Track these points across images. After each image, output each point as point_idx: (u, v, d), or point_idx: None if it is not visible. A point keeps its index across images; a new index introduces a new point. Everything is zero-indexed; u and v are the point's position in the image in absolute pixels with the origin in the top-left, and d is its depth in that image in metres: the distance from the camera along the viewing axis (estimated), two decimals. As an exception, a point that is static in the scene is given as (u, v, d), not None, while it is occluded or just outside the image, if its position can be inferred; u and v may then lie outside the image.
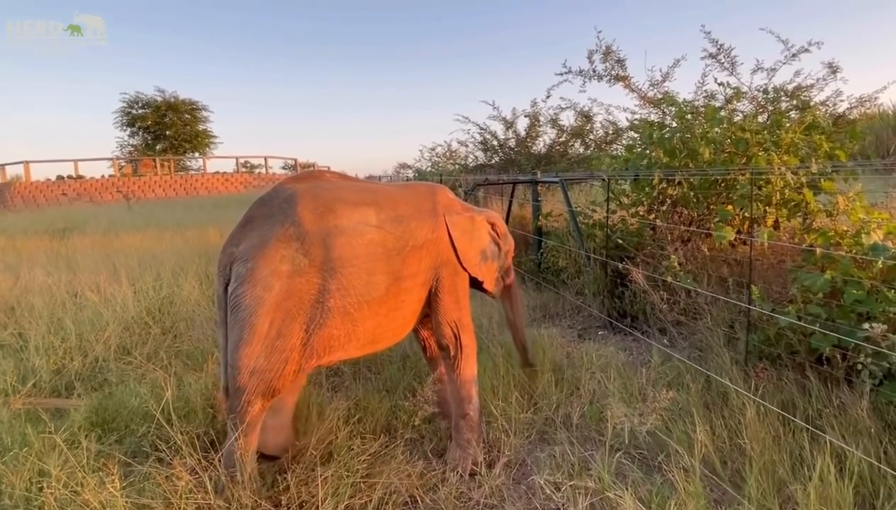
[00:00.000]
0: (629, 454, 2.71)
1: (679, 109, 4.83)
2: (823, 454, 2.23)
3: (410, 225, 2.58)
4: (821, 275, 3.13)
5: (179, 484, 2.11)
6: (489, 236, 3.04)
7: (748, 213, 3.80)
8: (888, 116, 19.45)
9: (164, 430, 2.60)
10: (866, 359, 2.77)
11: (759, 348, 3.40)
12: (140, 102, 32.13)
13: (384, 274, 2.45)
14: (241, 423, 2.25)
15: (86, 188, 24.93)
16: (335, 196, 2.44)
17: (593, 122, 11.50)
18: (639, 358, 4.08)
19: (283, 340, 2.24)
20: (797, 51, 6.90)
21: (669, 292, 4.37)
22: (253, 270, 2.21)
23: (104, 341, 4.17)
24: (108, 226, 11.41)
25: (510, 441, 2.85)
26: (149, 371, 3.59)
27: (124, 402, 3.13)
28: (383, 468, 2.46)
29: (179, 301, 5.15)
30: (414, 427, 2.88)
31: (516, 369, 3.51)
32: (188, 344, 4.16)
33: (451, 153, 15.18)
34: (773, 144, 4.03)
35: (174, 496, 2.13)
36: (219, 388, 2.56)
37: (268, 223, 2.32)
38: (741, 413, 2.70)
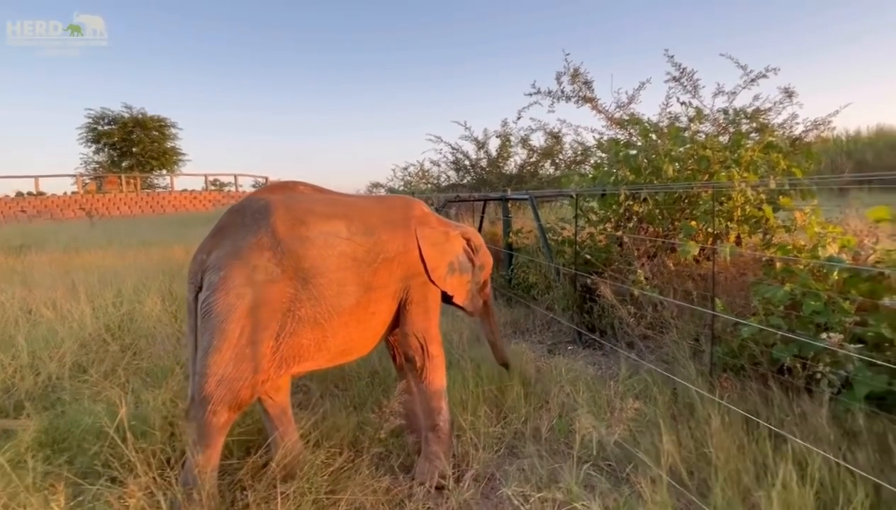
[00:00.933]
0: (597, 466, 2.70)
1: (643, 128, 4.96)
2: (786, 461, 2.26)
3: (382, 237, 2.59)
4: (780, 287, 3.21)
5: (130, 502, 2.00)
6: (463, 251, 3.03)
7: (711, 228, 3.89)
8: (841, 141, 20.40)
9: (119, 449, 2.50)
10: (825, 368, 2.84)
11: (724, 360, 3.45)
12: (106, 118, 31.48)
13: (354, 285, 2.45)
14: (203, 435, 2.19)
15: (47, 205, 24.19)
16: (307, 208, 2.45)
17: (562, 143, 11.73)
18: (608, 371, 4.11)
19: (252, 348, 2.21)
20: (755, 76, 7.21)
21: (636, 306, 4.43)
22: (225, 279, 2.20)
23: (58, 359, 3.99)
24: (68, 243, 11.06)
25: (479, 455, 2.81)
26: (105, 389, 3.44)
27: (77, 421, 2.99)
28: (348, 484, 2.39)
29: (141, 317, 4.99)
30: (380, 441, 2.81)
31: (486, 383, 3.49)
32: (148, 361, 4.01)
33: (423, 173, 15.26)
34: (734, 162, 4.16)
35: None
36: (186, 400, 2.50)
37: (240, 232, 2.32)
38: (707, 423, 2.72)
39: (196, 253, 2.36)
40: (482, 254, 3.21)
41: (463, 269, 3.01)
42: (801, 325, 3.10)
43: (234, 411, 2.26)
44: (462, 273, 3.01)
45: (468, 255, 3.08)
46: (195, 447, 2.21)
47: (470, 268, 3.09)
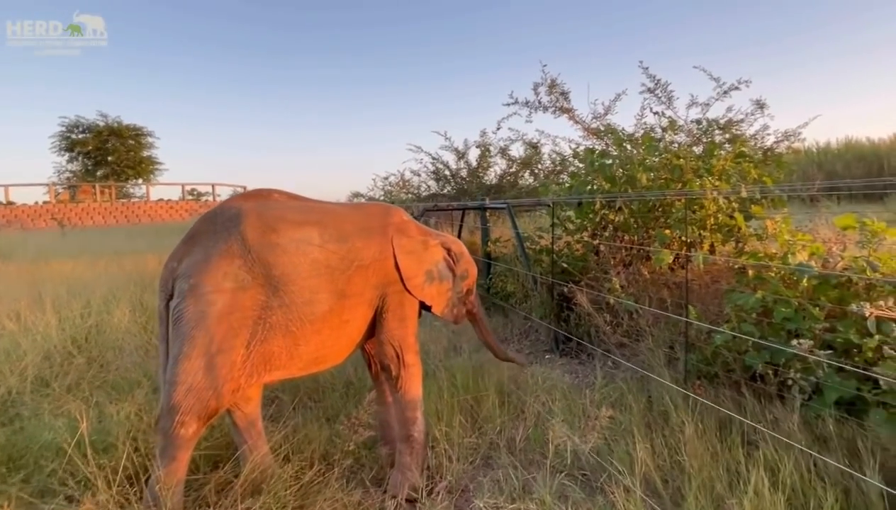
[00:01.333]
0: (572, 475, 2.67)
1: (616, 138, 5.01)
2: (758, 468, 2.27)
3: (356, 244, 2.56)
4: (752, 294, 3.24)
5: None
6: (442, 260, 2.99)
7: (685, 235, 3.92)
8: (812, 153, 20.91)
9: (78, 466, 2.41)
10: (795, 375, 2.86)
11: (698, 367, 3.47)
12: (80, 127, 30.96)
13: (327, 292, 2.42)
14: (169, 447, 2.13)
15: (17, 215, 23.58)
16: (279, 215, 2.42)
17: (541, 153, 11.80)
18: (584, 380, 4.10)
19: (222, 357, 2.17)
20: (728, 88, 7.36)
21: (612, 315, 4.44)
22: (196, 286, 2.18)
23: (20, 372, 3.84)
24: (37, 253, 10.75)
25: (453, 466, 2.77)
26: (67, 403, 3.32)
27: (35, 437, 2.87)
28: (316, 498, 2.33)
29: (109, 329, 4.84)
30: (352, 453, 2.76)
31: (461, 393, 3.45)
32: (115, 374, 3.89)
33: (404, 182, 15.21)
34: (706, 171, 4.21)
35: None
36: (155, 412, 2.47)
37: (212, 240, 2.30)
38: (681, 431, 2.72)
39: (167, 260, 2.34)
40: (464, 263, 3.17)
41: (442, 279, 2.97)
42: (773, 332, 3.13)
43: (203, 422, 2.21)
44: (441, 282, 2.96)
45: (448, 265, 3.04)
46: (161, 460, 2.15)
47: (450, 278, 3.04)
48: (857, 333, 2.80)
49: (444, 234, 3.18)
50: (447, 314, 3.06)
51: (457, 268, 3.11)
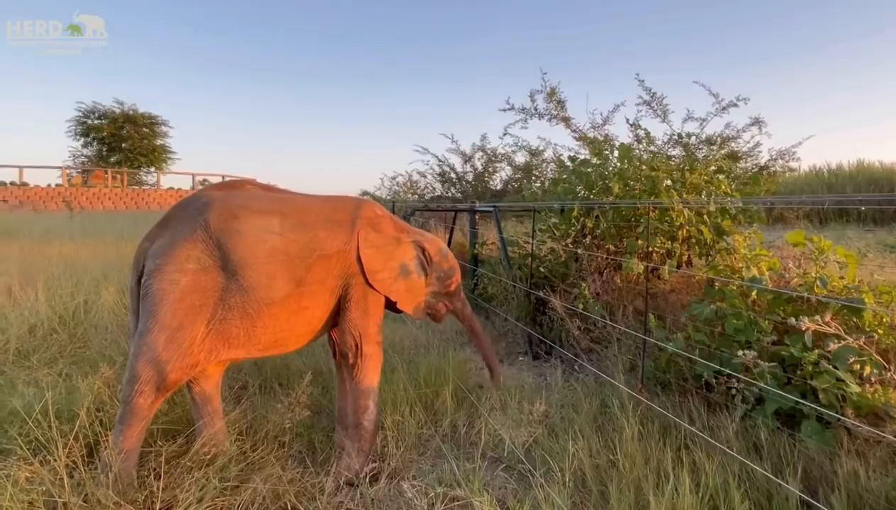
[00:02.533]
0: (511, 468, 2.76)
1: (594, 147, 5.10)
2: (683, 470, 2.35)
3: (319, 234, 2.66)
4: (707, 305, 3.32)
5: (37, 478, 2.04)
6: (414, 258, 3.04)
7: (652, 246, 4.00)
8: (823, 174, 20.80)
9: (43, 431, 2.55)
10: (739, 385, 2.94)
11: (655, 374, 3.55)
12: (97, 113, 31.48)
13: (284, 279, 2.53)
14: (126, 414, 2.30)
15: (29, 196, 24.02)
16: (242, 204, 2.56)
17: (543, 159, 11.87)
18: (546, 382, 4.17)
19: (183, 332, 2.34)
20: (727, 104, 7.42)
21: (583, 321, 4.53)
22: (161, 266, 2.37)
23: (2, 345, 4.00)
24: (42, 233, 11.01)
25: (399, 453, 2.86)
26: (43, 375, 3.46)
27: (4, 404, 3.01)
28: (258, 474, 2.43)
29: (96, 308, 5.00)
30: (303, 435, 2.86)
31: (422, 388, 3.55)
32: (92, 350, 4.03)
33: (411, 183, 15.34)
34: (680, 184, 4.29)
35: (29, 494, 2.07)
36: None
37: (180, 225, 2.49)
38: (620, 433, 2.80)
39: (142, 241, 2.54)
40: (442, 263, 3.21)
41: (409, 276, 3.00)
42: (725, 343, 3.20)
43: (162, 393, 2.37)
44: (407, 279, 2.99)
45: (420, 263, 3.08)
46: (117, 426, 2.32)
47: (421, 277, 3.08)
48: (801, 348, 2.87)
49: (423, 233, 3.22)
50: (414, 312, 3.10)
51: (431, 267, 3.15)
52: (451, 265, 3.29)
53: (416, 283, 3.06)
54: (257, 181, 2.96)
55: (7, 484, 2.07)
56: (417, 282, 3.06)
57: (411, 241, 3.07)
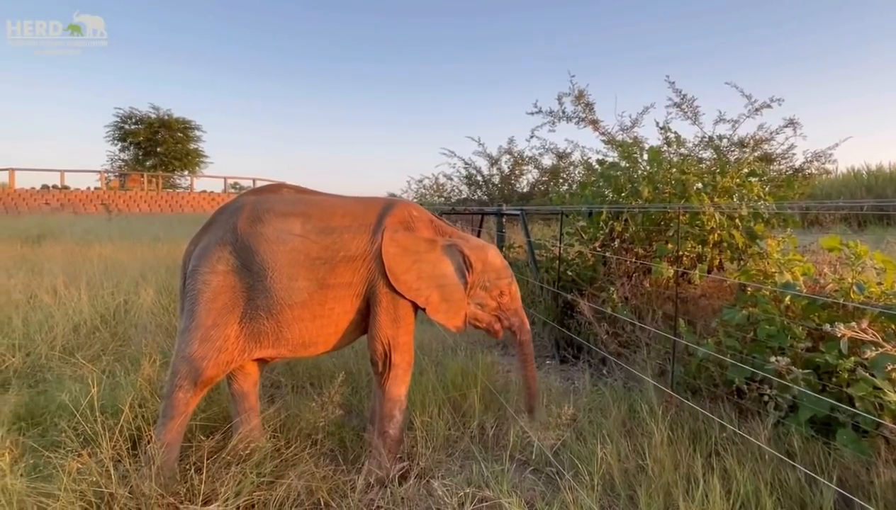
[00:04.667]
0: (539, 470, 2.78)
1: (623, 149, 5.07)
2: (714, 477, 2.34)
3: (343, 236, 2.64)
4: (739, 310, 3.28)
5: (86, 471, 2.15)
6: (448, 264, 2.82)
7: (682, 250, 3.97)
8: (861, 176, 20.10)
9: (89, 425, 2.68)
10: (771, 392, 2.90)
11: (685, 379, 3.52)
12: (133, 118, 32.44)
13: (306, 280, 2.56)
14: (168, 408, 2.46)
15: (70, 199, 24.88)
16: (268, 207, 2.65)
17: (570, 162, 11.82)
18: (574, 386, 4.17)
19: (217, 330, 2.47)
20: (760, 106, 7.29)
21: (612, 325, 4.51)
22: (196, 267, 2.53)
23: (50, 342, 4.19)
24: (83, 235, 11.43)
25: (428, 453, 2.90)
26: (87, 371, 3.61)
27: (54, 398, 3.16)
28: (292, 471, 2.51)
29: (135, 308, 5.19)
30: (334, 434, 2.93)
31: (450, 390, 3.59)
32: (133, 348, 4.19)
33: (438, 186, 15.40)
34: (711, 187, 4.24)
35: (80, 485, 2.18)
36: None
37: (217, 228, 2.63)
38: (650, 438, 2.79)
39: (188, 244, 2.71)
40: (488, 272, 2.93)
41: (443, 283, 2.80)
42: (757, 349, 3.16)
43: (199, 388, 2.50)
44: (441, 287, 2.79)
45: (459, 270, 2.84)
46: (160, 420, 2.48)
47: (459, 284, 2.84)
48: (836, 355, 2.82)
49: (468, 237, 3.01)
50: (450, 324, 2.85)
51: (472, 275, 2.87)
52: (501, 276, 2.98)
53: (453, 292, 2.82)
54: (292, 184, 3.02)
55: (61, 474, 2.18)
56: (454, 291, 2.82)
57: (448, 244, 2.85)
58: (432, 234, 2.89)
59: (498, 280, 2.96)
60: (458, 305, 2.85)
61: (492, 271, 2.94)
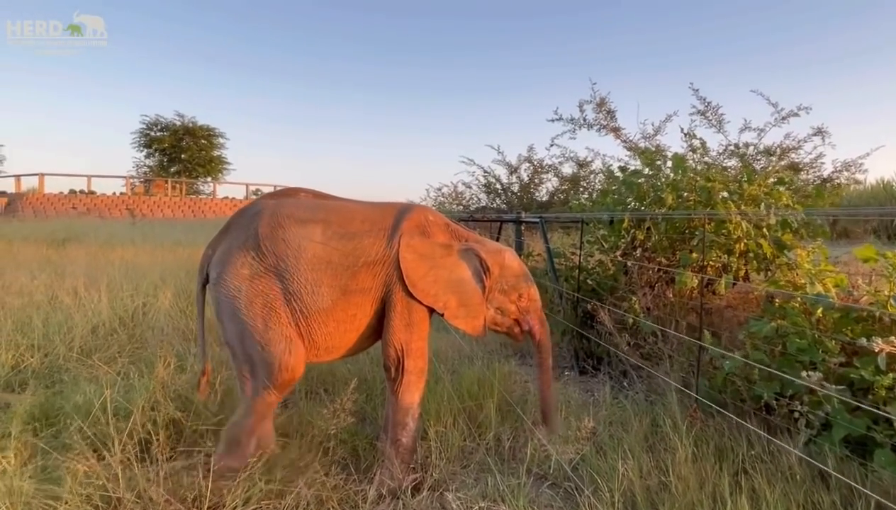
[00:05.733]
0: (556, 485, 2.68)
1: (645, 156, 4.96)
2: (741, 496, 2.22)
3: (363, 242, 2.62)
4: (767, 322, 3.15)
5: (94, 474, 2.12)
6: (465, 268, 2.79)
7: (708, 259, 3.84)
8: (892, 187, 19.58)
9: (100, 427, 2.67)
10: (803, 408, 2.77)
11: (710, 394, 3.38)
12: (159, 125, 33.09)
13: (329, 287, 2.55)
14: (252, 409, 2.52)
15: (96, 204, 25.43)
16: (288, 212, 2.62)
17: (590, 171, 11.69)
18: (594, 397, 4.06)
19: (271, 333, 2.49)
20: (786, 114, 7.11)
21: (633, 336, 4.39)
22: (221, 275, 2.54)
23: (68, 343, 4.22)
24: (106, 238, 11.62)
25: (442, 464, 2.82)
26: (103, 373, 3.62)
27: (69, 399, 3.15)
28: (302, 478, 2.45)
29: (153, 311, 5.21)
30: (347, 441, 2.87)
31: (466, 400, 3.51)
32: (149, 351, 4.19)
33: (457, 194, 15.36)
34: (737, 195, 4.11)
35: (86, 488, 2.15)
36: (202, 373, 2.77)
37: (237, 232, 2.62)
38: (673, 454, 2.68)
39: (206, 248, 2.71)
40: (506, 276, 2.89)
41: (461, 288, 2.77)
42: (787, 363, 3.02)
43: (281, 390, 2.57)
44: (459, 292, 2.76)
45: (477, 274, 2.81)
46: (244, 420, 2.53)
47: (477, 289, 2.81)
48: (873, 370, 2.68)
49: (484, 241, 2.98)
50: (469, 329, 2.82)
51: (490, 278, 2.84)
52: (518, 278, 2.93)
53: (471, 297, 2.79)
54: (311, 189, 2.99)
55: (67, 477, 2.15)
56: (472, 296, 2.79)
57: (464, 248, 2.82)
58: (448, 238, 2.87)
59: (516, 283, 2.92)
60: (476, 310, 2.83)
61: (510, 275, 2.91)
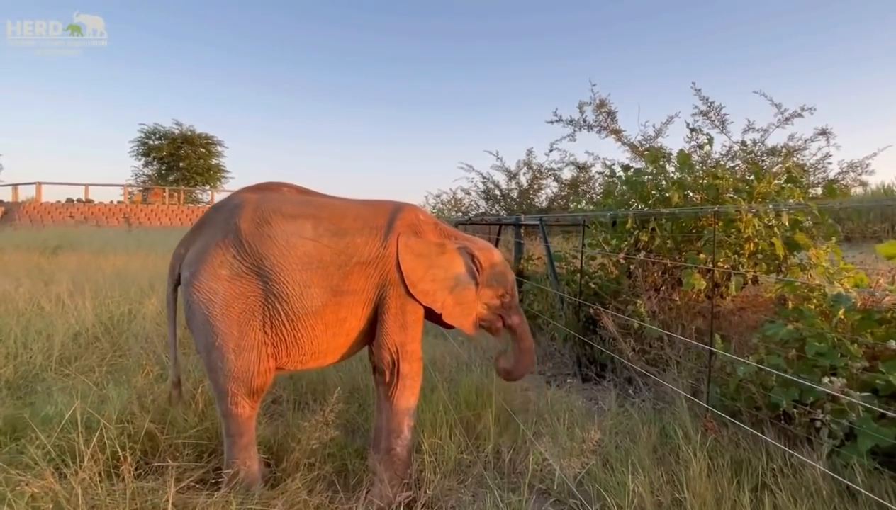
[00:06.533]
0: (561, 502, 2.48)
1: (649, 154, 4.78)
2: (765, 514, 2.02)
3: (356, 240, 2.48)
4: (783, 325, 2.96)
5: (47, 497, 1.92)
6: (460, 267, 2.74)
7: (713, 258, 3.65)
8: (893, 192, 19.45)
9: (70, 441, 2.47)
10: (825, 417, 2.57)
11: (722, 402, 3.19)
12: (157, 134, 33.00)
13: (319, 287, 2.38)
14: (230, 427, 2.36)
15: (93, 212, 25.24)
16: (274, 207, 2.43)
17: (590, 175, 11.53)
18: (599, 406, 3.86)
19: (247, 339, 2.31)
20: (790, 115, 6.94)
21: (638, 341, 4.19)
22: (196, 275, 2.29)
23: (46, 351, 4.02)
24: (100, 246, 11.42)
25: (437, 480, 2.63)
26: (79, 382, 3.42)
27: (39, 411, 2.95)
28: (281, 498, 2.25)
29: (139, 317, 5.02)
30: (335, 456, 2.67)
31: (463, 410, 3.31)
32: (131, 359, 3.99)
33: (456, 201, 15.21)
34: (747, 194, 3.93)
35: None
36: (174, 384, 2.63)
37: (213, 229, 2.40)
38: (687, 467, 2.48)
39: (177, 247, 2.47)
40: (494, 272, 2.87)
41: (457, 287, 2.72)
42: (805, 368, 2.83)
43: (255, 399, 2.40)
44: (455, 291, 2.71)
45: (470, 272, 2.78)
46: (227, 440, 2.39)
47: (470, 287, 2.77)
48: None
49: (473, 239, 2.94)
50: (464, 327, 2.79)
51: (483, 277, 2.82)
52: (505, 275, 2.92)
53: (466, 295, 2.75)
54: (294, 184, 2.80)
55: (14, 498, 1.95)
56: (467, 294, 2.75)
57: (458, 247, 2.77)
58: (440, 237, 2.79)
59: (503, 280, 2.92)
60: (470, 308, 2.80)
61: (498, 272, 2.91)
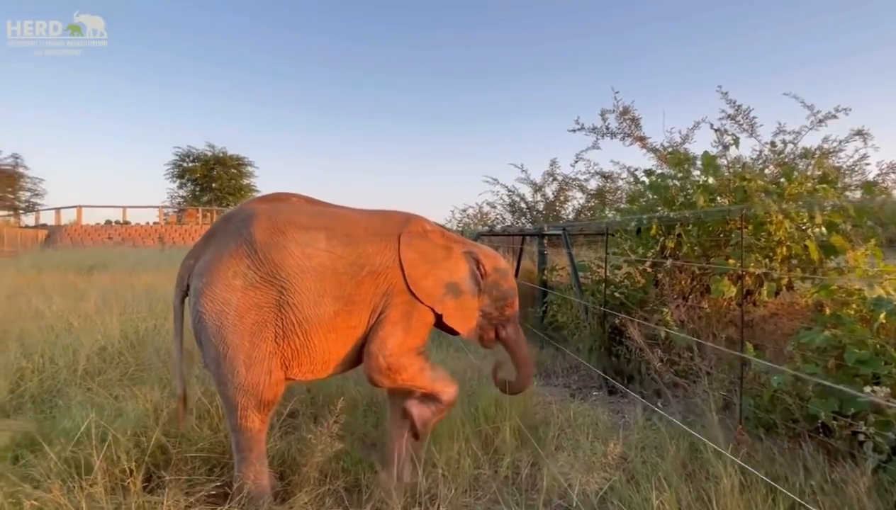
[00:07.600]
0: (582, 521, 2.35)
1: (674, 157, 4.63)
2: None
3: (367, 250, 2.49)
4: (820, 331, 2.78)
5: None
6: (464, 271, 2.75)
7: (747, 265, 3.47)
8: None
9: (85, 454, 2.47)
10: (869, 429, 2.38)
11: (755, 414, 3.01)
12: (191, 156, 34.03)
13: (333, 296, 2.38)
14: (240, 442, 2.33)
15: (130, 233, 26.05)
16: (288, 218, 2.43)
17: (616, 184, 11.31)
18: (625, 420, 3.70)
19: (259, 351, 2.28)
20: (824, 116, 6.68)
21: (666, 351, 4.02)
22: (208, 285, 2.27)
23: (70, 366, 4.07)
24: (134, 265, 11.71)
25: (452, 495, 2.53)
26: (99, 396, 3.44)
27: (58, 425, 2.97)
28: None
29: (163, 332, 5.07)
30: (349, 471, 2.60)
31: (480, 423, 3.21)
32: (152, 373, 4.02)
33: (482, 215, 15.15)
34: (777, 195, 3.74)
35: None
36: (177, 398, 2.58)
37: (224, 239, 2.39)
38: (717, 483, 2.33)
39: (185, 257, 2.46)
40: (500, 282, 2.86)
41: (459, 290, 2.71)
42: (845, 377, 2.64)
43: (265, 412, 2.36)
44: (457, 294, 2.70)
45: (473, 277, 2.79)
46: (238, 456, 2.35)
47: (474, 291, 2.78)
48: (951, 384, 2.30)
49: (479, 245, 2.95)
50: (465, 331, 2.78)
51: (486, 283, 2.82)
52: (509, 285, 2.92)
53: (468, 299, 2.75)
54: (302, 194, 2.80)
55: None
56: (469, 299, 2.76)
57: (464, 251, 2.80)
58: (446, 241, 2.80)
59: (507, 291, 2.90)
60: (472, 312, 2.80)
61: (502, 280, 2.90)
